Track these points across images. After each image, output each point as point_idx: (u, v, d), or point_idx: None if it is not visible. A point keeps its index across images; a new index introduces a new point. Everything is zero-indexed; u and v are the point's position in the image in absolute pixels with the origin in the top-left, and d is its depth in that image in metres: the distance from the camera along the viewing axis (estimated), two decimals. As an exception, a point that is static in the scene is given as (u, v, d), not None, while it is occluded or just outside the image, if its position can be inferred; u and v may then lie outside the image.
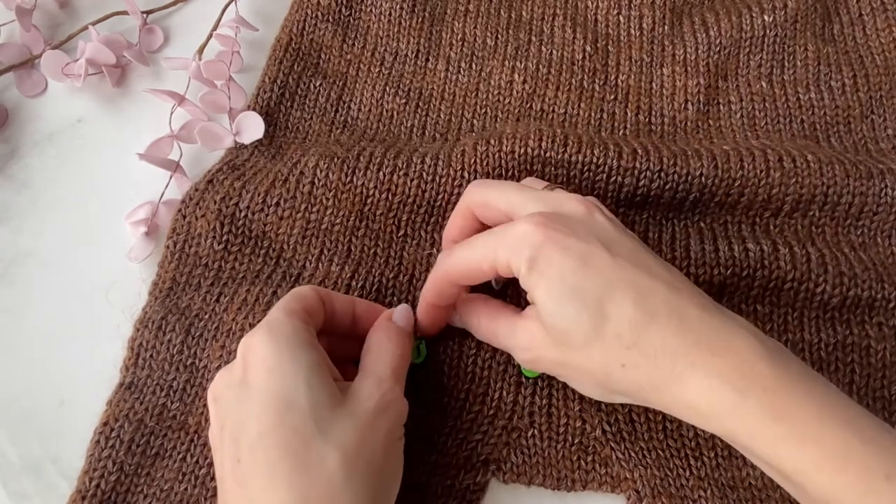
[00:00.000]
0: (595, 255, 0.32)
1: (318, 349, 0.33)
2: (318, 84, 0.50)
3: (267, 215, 0.43)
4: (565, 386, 0.39)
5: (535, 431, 0.38)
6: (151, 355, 0.40)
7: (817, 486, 0.28)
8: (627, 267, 0.32)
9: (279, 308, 0.34)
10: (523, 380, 0.39)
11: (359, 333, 0.37)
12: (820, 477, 0.27)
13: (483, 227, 0.38)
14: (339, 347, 0.37)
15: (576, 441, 0.38)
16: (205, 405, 0.38)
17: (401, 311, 0.38)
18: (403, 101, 0.49)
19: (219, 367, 0.38)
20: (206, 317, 0.40)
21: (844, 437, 0.28)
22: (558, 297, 0.31)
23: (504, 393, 0.39)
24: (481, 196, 0.37)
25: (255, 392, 0.31)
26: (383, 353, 0.35)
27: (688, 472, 0.37)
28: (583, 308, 0.31)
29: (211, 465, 0.37)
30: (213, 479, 0.37)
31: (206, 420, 0.38)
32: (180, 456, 0.38)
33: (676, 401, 0.31)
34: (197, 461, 0.37)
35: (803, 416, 0.28)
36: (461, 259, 0.35)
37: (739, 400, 0.29)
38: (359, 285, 0.41)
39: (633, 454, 0.37)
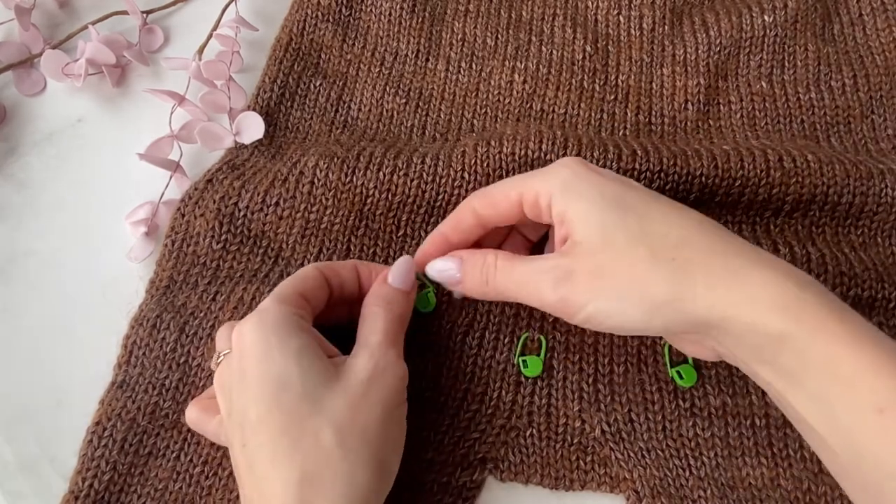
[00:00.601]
0: (632, 182, 0.33)
1: (309, 331, 0.34)
2: (318, 84, 0.50)
3: (266, 215, 0.43)
4: (565, 384, 0.39)
5: (534, 431, 0.38)
6: (144, 353, 0.39)
7: (874, 389, 0.27)
8: (664, 198, 0.33)
9: (272, 295, 0.34)
10: (522, 379, 0.39)
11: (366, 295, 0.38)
12: (878, 379, 0.27)
13: (477, 239, 0.38)
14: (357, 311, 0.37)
15: (574, 441, 0.38)
16: None
17: (397, 269, 0.37)
18: (403, 101, 0.49)
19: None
20: (202, 315, 0.40)
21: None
22: (600, 206, 0.31)
23: (503, 392, 0.39)
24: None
25: (250, 379, 0.32)
26: (376, 321, 0.35)
27: (687, 472, 0.37)
28: (626, 211, 0.31)
29: (205, 463, 0.37)
30: (207, 477, 0.37)
31: None
32: (174, 455, 0.37)
33: (730, 298, 0.29)
34: (191, 459, 0.37)
35: (858, 321, 0.28)
36: (493, 187, 0.35)
37: (802, 293, 0.28)
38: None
39: (632, 454, 0.37)
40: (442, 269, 0.37)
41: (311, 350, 0.33)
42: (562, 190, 0.32)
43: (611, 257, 0.31)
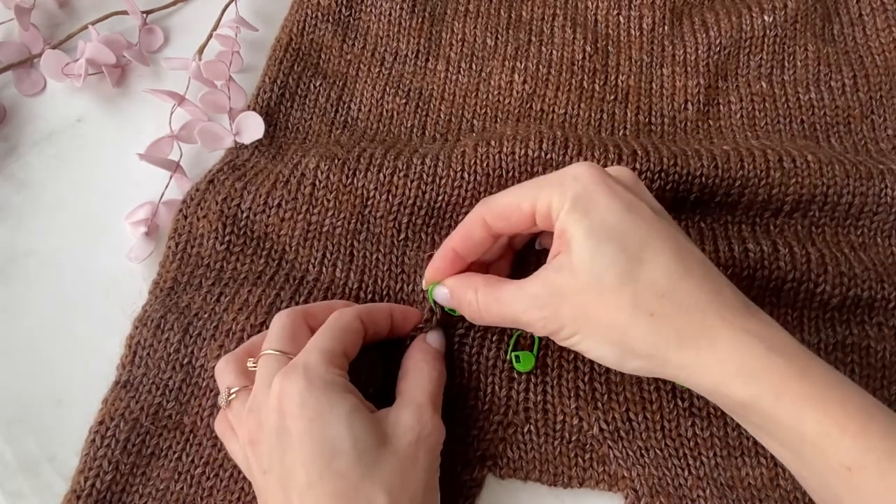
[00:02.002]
0: (640, 206, 0.32)
1: (353, 391, 0.33)
2: (318, 84, 0.50)
3: (268, 216, 0.43)
4: (560, 382, 0.39)
5: (531, 427, 0.38)
6: (148, 353, 0.39)
7: (840, 450, 0.27)
8: (668, 225, 0.32)
9: (318, 352, 0.33)
10: (515, 374, 0.39)
11: (395, 335, 0.38)
12: (844, 440, 0.27)
13: (488, 245, 0.37)
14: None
15: (572, 438, 0.38)
16: (200, 405, 0.38)
17: (434, 334, 0.38)
18: (403, 101, 0.49)
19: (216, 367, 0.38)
20: (206, 316, 0.40)
21: (865, 403, 0.28)
22: (598, 237, 0.31)
23: (496, 388, 0.39)
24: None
25: (297, 440, 0.31)
26: (421, 378, 0.35)
27: (686, 472, 0.37)
28: (621, 250, 0.31)
29: (206, 463, 0.37)
30: (208, 478, 0.37)
31: (202, 419, 0.38)
32: (176, 455, 0.38)
33: (700, 358, 0.30)
34: (192, 461, 0.37)
35: (826, 380, 0.29)
36: (502, 197, 0.35)
37: (769, 357, 0.29)
38: (367, 296, 0.41)
39: (630, 453, 0.37)
40: (443, 297, 0.37)
41: (361, 411, 0.32)
42: (572, 205, 0.32)
43: (595, 297, 0.31)
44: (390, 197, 0.43)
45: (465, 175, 0.42)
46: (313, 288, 0.41)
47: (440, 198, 0.43)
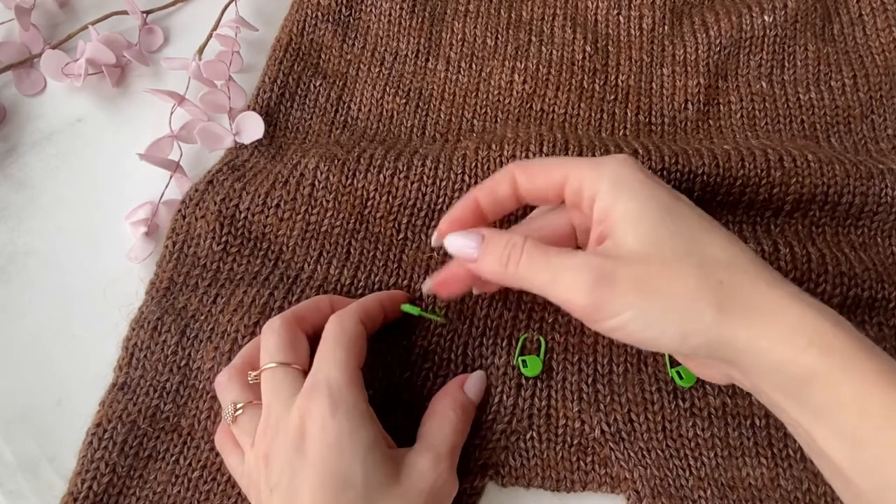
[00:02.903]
0: (681, 196, 0.31)
1: (375, 420, 0.33)
2: (318, 84, 0.50)
3: (267, 217, 0.43)
4: (564, 385, 0.39)
5: (534, 433, 0.38)
6: (146, 356, 0.39)
7: None
8: (708, 216, 0.31)
9: (336, 366, 0.33)
10: (523, 381, 0.39)
11: (387, 321, 0.38)
12: None
13: (511, 207, 0.35)
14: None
15: (575, 442, 0.38)
16: (197, 407, 0.38)
17: (475, 382, 0.38)
18: (403, 101, 0.49)
19: (212, 369, 0.38)
20: (202, 318, 0.40)
21: None
22: (651, 211, 0.29)
23: (504, 397, 0.39)
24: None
25: (310, 464, 0.31)
26: (447, 427, 0.35)
27: (687, 472, 0.37)
28: (677, 222, 0.29)
29: (204, 467, 0.37)
30: (205, 482, 0.37)
31: (199, 422, 0.38)
32: (173, 458, 0.37)
33: (768, 333, 0.28)
34: (189, 463, 0.37)
35: (886, 357, 0.27)
36: (533, 161, 0.34)
37: (835, 330, 0.27)
38: (358, 292, 0.41)
39: (632, 454, 0.37)
40: (460, 245, 0.34)
41: (379, 447, 0.32)
42: (612, 185, 0.30)
43: (658, 268, 0.29)
44: (390, 198, 0.43)
45: (466, 177, 0.42)
46: (306, 286, 0.41)
47: (440, 200, 0.43)
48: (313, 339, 0.36)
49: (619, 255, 0.30)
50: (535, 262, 0.31)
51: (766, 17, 0.50)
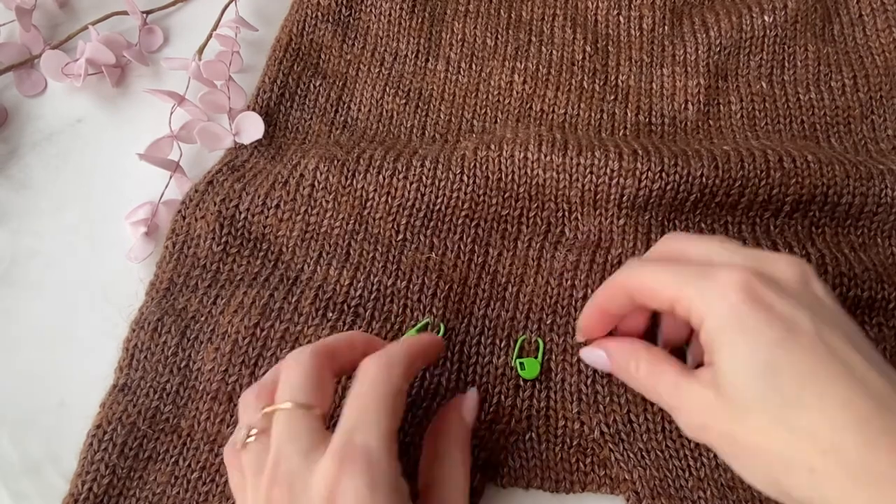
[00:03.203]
0: (804, 330, 0.27)
1: (404, 494, 0.29)
2: (317, 84, 0.50)
3: (266, 217, 0.43)
4: (563, 387, 0.39)
5: (533, 434, 0.38)
6: (146, 357, 0.39)
7: None
8: (839, 354, 0.27)
9: (381, 433, 0.29)
10: (521, 382, 0.39)
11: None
12: None
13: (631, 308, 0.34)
14: None
15: (574, 443, 0.38)
16: (197, 408, 0.38)
17: (472, 405, 0.36)
18: (403, 101, 0.49)
19: (212, 370, 0.38)
20: (203, 319, 0.40)
21: None
22: (747, 368, 0.27)
23: (502, 397, 0.39)
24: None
25: None
26: (455, 474, 0.32)
27: (687, 473, 0.37)
28: (775, 388, 0.26)
29: (203, 468, 0.37)
30: (204, 483, 0.37)
31: (199, 423, 0.38)
32: (172, 459, 0.37)
33: None
34: (189, 465, 0.37)
35: None
36: (647, 271, 0.31)
37: None
38: (357, 293, 0.41)
39: (631, 455, 0.37)
40: (592, 360, 0.36)
41: None
42: (718, 323, 0.28)
43: (746, 435, 0.27)
44: (389, 199, 0.43)
45: (465, 178, 0.42)
46: (305, 287, 0.41)
47: (439, 200, 0.43)
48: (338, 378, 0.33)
49: (714, 391, 0.28)
50: (651, 384, 0.32)
51: (766, 18, 0.50)
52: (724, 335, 0.28)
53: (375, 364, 0.31)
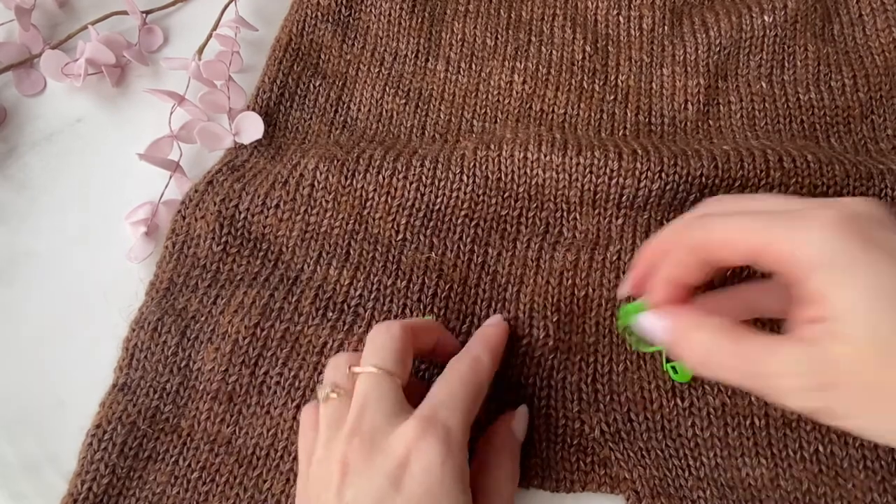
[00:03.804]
0: None
1: (469, 490, 0.30)
2: (317, 84, 0.50)
3: (266, 217, 0.43)
4: (564, 386, 0.39)
5: (534, 434, 0.38)
6: (146, 356, 0.39)
7: None
8: None
9: (462, 419, 0.30)
10: (521, 382, 0.39)
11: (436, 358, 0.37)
12: None
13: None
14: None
15: (574, 442, 0.38)
16: (197, 408, 0.38)
17: (522, 422, 0.37)
18: (403, 101, 0.49)
19: (212, 370, 0.38)
20: (203, 319, 0.40)
21: None
22: (877, 303, 0.25)
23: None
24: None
25: (399, 501, 0.28)
26: (505, 480, 0.33)
27: (687, 472, 0.37)
28: None
29: (203, 468, 0.37)
30: (204, 483, 0.37)
31: (199, 423, 0.38)
32: (172, 459, 0.37)
33: None
34: (189, 465, 0.37)
35: None
36: (721, 221, 0.28)
37: None
38: (357, 292, 0.41)
39: (631, 454, 0.37)
40: (648, 327, 0.32)
41: None
42: (828, 267, 0.25)
43: (890, 373, 0.25)
44: (389, 199, 0.43)
45: (464, 178, 0.42)
46: (305, 287, 0.41)
47: (439, 200, 0.43)
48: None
49: (842, 353, 0.25)
50: (727, 355, 0.28)
51: (766, 18, 0.50)
52: (833, 274, 0.25)
53: (475, 359, 0.33)
